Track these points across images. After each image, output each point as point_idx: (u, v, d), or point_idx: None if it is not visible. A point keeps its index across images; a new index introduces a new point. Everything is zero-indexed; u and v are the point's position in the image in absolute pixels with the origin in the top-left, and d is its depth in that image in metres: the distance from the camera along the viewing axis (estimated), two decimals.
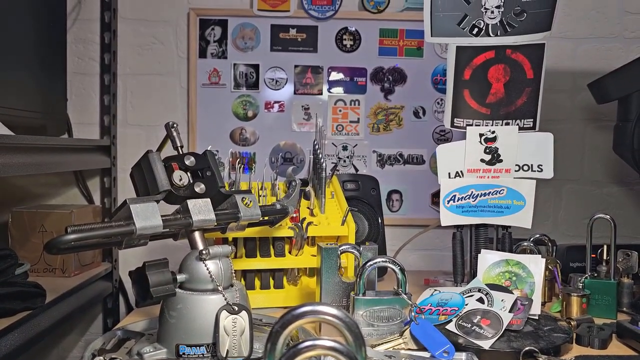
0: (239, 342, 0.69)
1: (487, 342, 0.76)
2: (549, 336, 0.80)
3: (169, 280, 0.68)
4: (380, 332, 0.83)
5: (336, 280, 0.90)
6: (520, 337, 0.79)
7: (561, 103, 1.46)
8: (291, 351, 0.43)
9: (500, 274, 0.90)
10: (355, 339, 0.46)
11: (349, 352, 0.43)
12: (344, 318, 0.46)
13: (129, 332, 0.80)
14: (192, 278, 0.72)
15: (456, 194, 0.98)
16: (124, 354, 0.71)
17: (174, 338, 0.69)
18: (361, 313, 0.83)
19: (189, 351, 0.69)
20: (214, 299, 0.70)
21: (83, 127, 1.40)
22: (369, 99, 1.45)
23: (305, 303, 0.46)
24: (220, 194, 0.79)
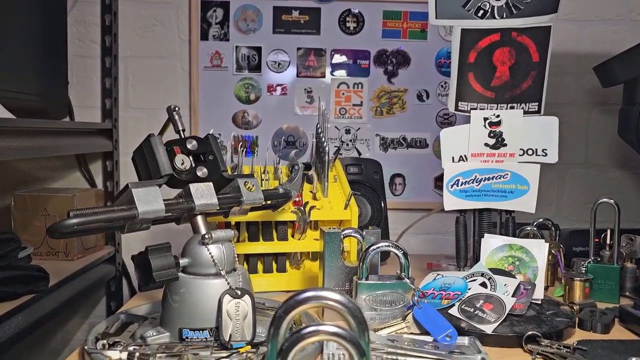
0: (241, 326, 0.69)
1: (490, 326, 0.76)
2: (551, 321, 0.80)
3: (172, 265, 0.68)
4: (383, 316, 0.83)
5: (339, 265, 0.89)
6: (522, 322, 0.79)
7: (566, 86, 1.44)
8: (294, 336, 0.43)
9: (503, 259, 0.90)
10: (358, 324, 0.46)
11: (352, 338, 0.43)
12: (347, 303, 0.46)
13: (132, 315, 0.80)
14: (195, 262, 0.72)
15: (460, 178, 0.98)
16: (127, 338, 0.72)
17: (177, 322, 0.70)
18: (364, 297, 0.83)
19: (192, 335, 0.69)
20: (216, 283, 0.70)
21: (84, 110, 1.39)
22: (372, 82, 1.44)
23: (309, 288, 0.46)
24: (222, 178, 0.79)
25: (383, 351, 0.70)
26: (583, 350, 0.72)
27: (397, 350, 0.69)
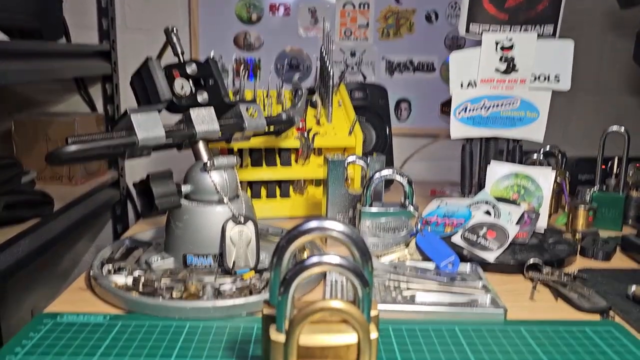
0: (245, 253, 0.70)
1: (492, 254, 0.77)
2: (553, 249, 0.80)
3: (174, 192, 0.68)
4: (385, 243, 0.83)
5: (342, 192, 0.89)
6: (525, 250, 0.79)
7: (581, 8, 1.37)
8: (297, 267, 0.43)
9: (508, 187, 0.89)
10: (362, 255, 0.46)
11: (355, 268, 0.43)
12: (351, 234, 0.45)
13: (137, 241, 0.81)
14: (197, 189, 0.71)
15: (467, 105, 0.95)
16: (132, 263, 0.73)
17: (181, 248, 0.70)
18: (367, 224, 0.83)
19: (196, 261, 0.69)
20: (219, 210, 0.70)
21: (80, 31, 1.34)
22: (379, 1, 1.37)
23: (312, 218, 0.45)
24: (223, 104, 0.76)
25: (385, 278, 0.71)
26: (584, 278, 0.73)
27: (399, 277, 0.70)
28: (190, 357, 0.53)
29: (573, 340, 0.58)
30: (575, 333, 0.60)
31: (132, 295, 0.63)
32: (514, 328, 0.61)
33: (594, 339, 0.58)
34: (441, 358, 0.54)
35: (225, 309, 0.61)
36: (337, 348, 0.44)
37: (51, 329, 0.58)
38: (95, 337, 0.57)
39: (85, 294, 0.68)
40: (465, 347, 0.56)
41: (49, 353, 0.54)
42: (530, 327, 0.61)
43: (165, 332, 0.58)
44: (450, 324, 0.61)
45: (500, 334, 0.59)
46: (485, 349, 0.56)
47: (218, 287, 0.65)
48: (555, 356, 0.55)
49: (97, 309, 0.64)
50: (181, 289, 0.64)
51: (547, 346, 0.57)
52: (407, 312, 0.63)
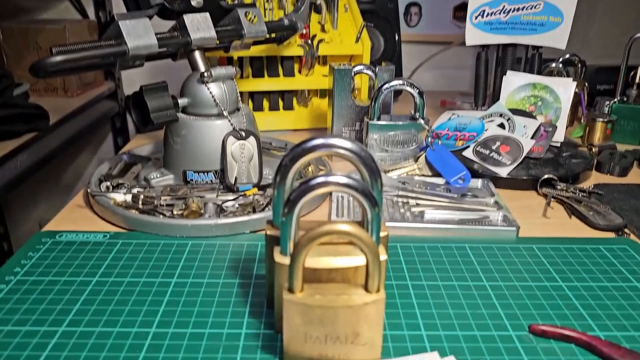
0: (247, 168, 0.67)
1: (505, 169, 0.73)
2: (568, 163, 0.77)
3: (170, 105, 0.64)
4: (394, 157, 0.80)
5: (349, 104, 0.84)
6: (539, 165, 0.76)
7: None
8: (302, 187, 0.40)
9: (525, 98, 0.84)
10: (371, 174, 0.43)
11: (363, 189, 0.40)
12: (359, 152, 0.42)
13: (135, 156, 0.78)
14: (195, 102, 0.67)
15: (485, 9, 0.87)
16: (131, 179, 0.70)
17: (181, 164, 0.67)
18: (375, 138, 0.80)
19: (196, 177, 0.67)
20: (219, 124, 0.66)
21: None
22: None
23: (317, 136, 0.42)
24: (220, 8, 0.70)
25: (393, 194, 0.68)
26: (599, 194, 0.70)
27: (407, 193, 0.68)
28: (193, 276, 0.52)
29: (586, 258, 0.56)
30: (589, 251, 0.58)
31: (132, 213, 0.61)
32: (526, 246, 0.59)
33: (608, 257, 0.57)
34: (451, 277, 0.53)
35: (228, 227, 0.59)
36: (345, 270, 0.42)
37: (50, 248, 0.57)
38: (95, 256, 0.55)
39: (84, 212, 0.66)
40: (476, 266, 0.55)
41: (49, 273, 0.52)
42: (542, 245, 0.59)
43: (166, 250, 0.57)
44: (460, 242, 0.59)
45: (511, 252, 0.57)
46: (496, 268, 0.54)
47: (220, 204, 0.63)
48: (568, 275, 0.53)
49: (97, 227, 0.62)
50: (182, 207, 0.62)
51: (559, 265, 0.55)
52: (415, 230, 0.61)
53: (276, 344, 0.43)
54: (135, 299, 0.48)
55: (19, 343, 0.42)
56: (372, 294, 0.39)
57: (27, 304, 0.48)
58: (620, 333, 0.45)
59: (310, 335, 0.40)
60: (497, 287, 0.51)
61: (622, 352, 0.42)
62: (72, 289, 0.50)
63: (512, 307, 0.48)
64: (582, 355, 0.42)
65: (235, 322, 0.45)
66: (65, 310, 0.47)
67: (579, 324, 0.46)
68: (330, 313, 0.39)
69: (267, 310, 0.47)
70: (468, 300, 0.49)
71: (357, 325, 0.39)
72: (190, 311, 0.47)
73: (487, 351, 0.42)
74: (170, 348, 0.42)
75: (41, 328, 0.44)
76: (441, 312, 0.47)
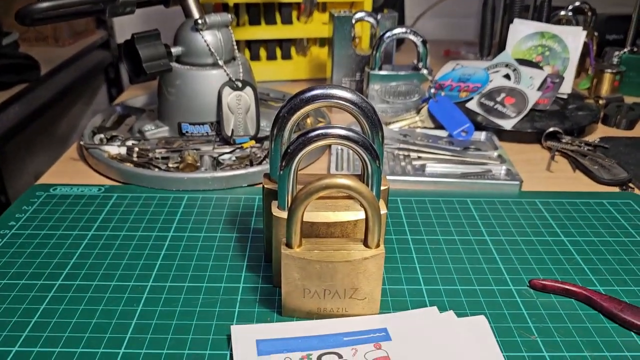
0: (244, 120, 0.65)
1: (510, 121, 0.72)
2: (574, 116, 0.75)
3: (163, 54, 0.61)
4: (395, 109, 0.78)
5: (349, 53, 0.82)
6: (544, 117, 0.74)
7: None
8: (300, 140, 0.38)
9: (532, 48, 0.81)
10: (372, 126, 0.41)
11: (364, 141, 0.38)
12: (359, 103, 0.40)
13: (129, 108, 0.76)
14: (189, 51, 0.64)
15: None
16: (125, 132, 0.68)
17: (176, 116, 0.65)
18: (376, 89, 0.77)
19: (192, 130, 0.65)
20: (214, 74, 0.64)
21: None
22: None
23: (316, 86, 0.40)
24: None
25: (394, 147, 0.66)
26: (605, 147, 0.69)
27: (408, 146, 0.66)
28: (190, 230, 0.51)
29: (589, 213, 0.56)
30: (592, 206, 0.57)
31: (127, 166, 0.60)
32: (529, 200, 0.58)
33: (612, 212, 0.56)
34: (452, 231, 0.52)
35: (225, 180, 0.58)
36: (344, 224, 0.41)
37: (45, 202, 0.56)
38: (90, 209, 0.55)
39: (78, 165, 0.64)
40: (478, 220, 0.54)
41: (45, 226, 0.52)
42: (545, 199, 0.58)
43: (162, 204, 0.56)
44: (462, 196, 0.58)
45: (514, 206, 0.56)
46: (497, 222, 0.53)
47: (216, 157, 0.62)
48: (570, 229, 0.53)
49: (91, 181, 0.61)
50: (177, 160, 0.60)
51: (562, 219, 0.54)
52: (417, 184, 0.60)
53: (274, 297, 0.42)
54: (131, 253, 0.48)
55: (16, 296, 0.42)
56: (372, 249, 0.38)
57: (24, 257, 0.47)
58: (620, 288, 0.44)
59: (308, 290, 0.39)
60: (498, 242, 0.50)
61: (622, 307, 0.41)
62: (68, 243, 0.49)
63: (512, 262, 0.47)
64: (581, 309, 0.42)
65: (233, 276, 0.45)
66: (61, 263, 0.46)
67: (579, 279, 0.45)
68: (329, 268, 0.38)
69: (265, 265, 0.46)
70: (468, 254, 0.48)
71: (356, 280, 0.39)
72: (187, 265, 0.46)
73: (486, 305, 0.42)
74: (167, 301, 0.42)
75: (38, 281, 0.44)
76: (441, 267, 0.47)
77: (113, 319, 0.40)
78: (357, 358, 0.36)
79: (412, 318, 0.40)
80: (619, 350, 0.38)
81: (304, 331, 0.38)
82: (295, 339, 0.37)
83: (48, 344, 0.37)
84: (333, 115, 0.80)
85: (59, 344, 0.37)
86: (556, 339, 0.39)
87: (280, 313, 0.40)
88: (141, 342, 0.38)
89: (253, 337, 0.37)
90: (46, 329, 0.39)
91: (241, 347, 0.36)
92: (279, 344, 0.37)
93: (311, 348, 0.36)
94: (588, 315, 0.41)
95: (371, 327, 0.38)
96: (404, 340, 0.37)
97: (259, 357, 0.35)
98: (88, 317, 0.40)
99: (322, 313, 0.40)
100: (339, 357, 0.36)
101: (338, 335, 0.38)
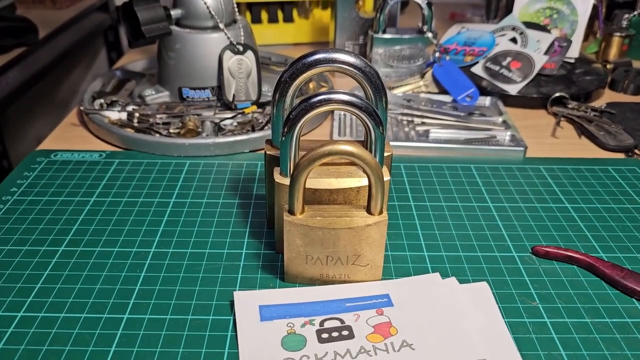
0: (245, 85, 0.64)
1: (515, 86, 0.70)
2: (581, 81, 0.74)
3: (162, 17, 0.60)
4: (399, 73, 0.77)
5: (353, 15, 0.80)
6: (551, 82, 0.73)
7: None
8: (302, 105, 0.37)
9: (540, 10, 0.79)
10: (375, 91, 0.40)
11: (367, 107, 0.38)
12: (362, 67, 0.39)
13: (129, 72, 0.75)
14: (189, 14, 0.63)
15: None
16: (125, 97, 0.67)
17: (176, 80, 0.64)
18: (379, 52, 0.76)
19: (193, 94, 0.64)
20: (215, 37, 0.63)
21: None
22: None
23: (318, 50, 0.39)
24: None
25: (397, 112, 0.66)
26: (611, 113, 0.68)
27: (412, 112, 0.65)
28: (192, 196, 0.51)
29: (594, 179, 0.55)
30: (597, 172, 0.57)
31: (128, 132, 0.59)
32: (533, 166, 0.57)
33: (616, 179, 0.55)
34: (455, 197, 0.52)
35: (226, 146, 0.58)
36: (347, 191, 0.41)
37: (46, 168, 0.56)
38: (92, 175, 0.54)
39: (79, 130, 0.64)
40: (481, 187, 0.53)
41: (46, 193, 0.51)
42: (550, 166, 0.57)
43: (164, 170, 0.55)
44: (465, 162, 0.58)
45: (518, 173, 0.56)
46: (501, 189, 0.53)
47: (217, 122, 0.61)
48: (574, 196, 0.52)
49: (92, 146, 0.60)
50: (178, 125, 0.60)
51: (566, 186, 0.54)
52: (420, 149, 0.59)
53: (277, 264, 0.42)
54: (133, 219, 0.48)
55: (19, 262, 0.42)
56: (375, 215, 0.38)
57: (26, 223, 0.47)
58: (623, 255, 0.44)
59: (311, 256, 0.39)
60: (501, 209, 0.50)
61: (624, 274, 0.41)
62: (70, 209, 0.49)
63: (515, 229, 0.47)
64: (584, 276, 0.42)
65: (236, 242, 0.45)
66: (64, 230, 0.46)
67: (582, 246, 0.45)
68: (332, 235, 0.38)
69: (268, 231, 0.46)
70: (471, 221, 0.48)
71: (358, 247, 0.39)
72: (189, 231, 0.46)
73: (489, 272, 0.42)
74: (170, 267, 0.42)
75: (41, 248, 0.44)
76: (444, 234, 0.46)
77: (117, 285, 0.40)
78: (359, 324, 0.36)
79: (415, 284, 0.40)
80: (620, 316, 0.38)
81: (307, 297, 0.38)
82: (297, 305, 0.37)
83: (53, 310, 0.38)
84: (336, 80, 0.78)
85: (64, 309, 0.38)
86: (557, 305, 0.39)
87: (283, 279, 0.41)
88: (145, 307, 0.38)
89: (256, 303, 0.37)
90: (50, 294, 0.39)
91: (244, 313, 0.37)
92: (282, 309, 0.37)
93: (314, 314, 0.37)
94: (590, 282, 0.41)
95: (373, 293, 0.39)
96: (406, 306, 0.37)
97: (262, 322, 0.36)
98: (92, 282, 0.40)
99: (324, 279, 0.40)
100: (341, 322, 0.36)
101: (340, 301, 0.38)
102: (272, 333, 0.35)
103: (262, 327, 0.35)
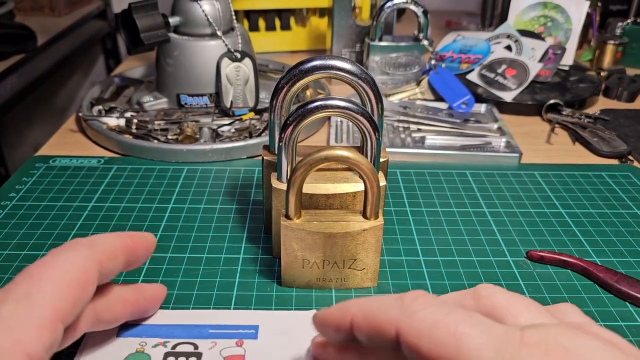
0: (243, 91, 0.64)
1: (510, 93, 0.71)
2: (575, 88, 0.75)
3: (161, 24, 0.60)
4: (395, 80, 0.78)
5: (350, 23, 0.81)
6: (545, 89, 0.73)
7: None
8: (299, 111, 0.38)
9: (534, 19, 0.80)
10: (372, 98, 0.41)
11: (363, 113, 0.38)
12: (359, 74, 0.40)
13: (127, 79, 0.75)
14: (187, 21, 0.63)
15: None
16: (123, 103, 0.68)
17: (174, 87, 0.65)
18: (376, 60, 0.77)
19: (190, 101, 0.65)
20: (213, 44, 0.63)
21: None
22: None
23: (315, 57, 0.40)
24: None
25: (394, 119, 0.66)
26: (605, 119, 0.69)
27: (408, 118, 0.66)
28: (190, 202, 0.52)
29: (588, 185, 0.56)
30: (591, 178, 0.57)
31: (126, 138, 0.59)
32: (528, 172, 0.58)
33: (610, 184, 0.56)
34: (450, 203, 0.52)
35: (224, 152, 0.58)
36: (343, 196, 0.41)
37: (44, 173, 0.56)
38: (90, 181, 0.55)
39: (77, 136, 0.64)
40: (476, 192, 0.54)
41: (45, 198, 0.52)
42: (544, 172, 0.58)
43: (162, 176, 0.56)
44: (461, 168, 0.58)
45: (513, 179, 0.57)
46: (496, 194, 0.54)
47: (215, 129, 0.61)
48: (569, 202, 0.53)
49: (90, 152, 0.61)
50: (176, 131, 0.60)
51: (560, 192, 0.54)
52: (416, 156, 0.60)
53: (274, 268, 0.43)
54: (132, 224, 0.48)
55: (18, 267, 0.42)
56: (371, 220, 0.38)
57: (25, 228, 0.47)
58: (616, 259, 0.45)
59: (307, 261, 0.39)
60: (496, 214, 0.51)
61: (618, 278, 0.42)
62: (68, 214, 0.49)
63: (510, 234, 0.48)
64: (578, 280, 0.42)
65: (233, 247, 0.45)
66: (62, 235, 0.46)
67: (576, 250, 0.46)
68: (328, 239, 0.38)
69: (265, 236, 0.47)
70: (467, 226, 0.49)
71: (354, 252, 0.39)
72: (187, 236, 0.46)
73: (484, 276, 0.42)
74: (168, 272, 0.42)
75: (40, 252, 0.44)
76: (439, 238, 0.47)
77: None
78: (212, 352, 0.34)
79: (291, 319, 0.37)
80: (614, 320, 0.38)
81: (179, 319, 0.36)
82: (159, 326, 0.36)
83: None
84: (333, 87, 0.79)
85: None
86: None
87: (280, 283, 0.41)
88: None
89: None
90: None
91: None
92: (143, 328, 0.36)
93: (171, 336, 0.35)
94: (584, 286, 0.42)
95: (243, 322, 0.37)
96: (270, 341, 0.35)
97: (117, 337, 0.35)
98: None
99: (321, 283, 0.40)
100: (195, 347, 0.34)
101: (205, 326, 0.36)
102: (120, 349, 0.34)
103: (115, 342, 0.34)
